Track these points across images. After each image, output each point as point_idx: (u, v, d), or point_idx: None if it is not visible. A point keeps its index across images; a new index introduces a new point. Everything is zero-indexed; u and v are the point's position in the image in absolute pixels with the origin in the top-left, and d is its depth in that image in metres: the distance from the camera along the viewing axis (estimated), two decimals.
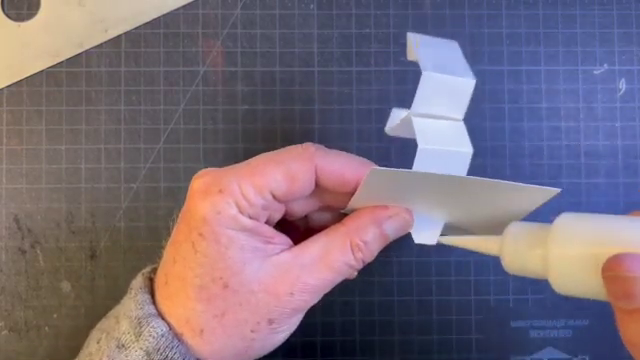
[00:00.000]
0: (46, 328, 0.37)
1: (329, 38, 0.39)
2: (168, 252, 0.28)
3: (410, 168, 0.31)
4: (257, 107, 0.38)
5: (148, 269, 0.30)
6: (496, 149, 0.39)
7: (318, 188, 0.29)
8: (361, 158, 0.29)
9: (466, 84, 0.28)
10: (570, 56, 0.39)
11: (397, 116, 0.31)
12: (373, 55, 0.39)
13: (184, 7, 0.39)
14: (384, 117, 0.38)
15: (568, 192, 0.38)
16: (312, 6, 0.39)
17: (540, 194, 0.27)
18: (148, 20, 0.38)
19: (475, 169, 0.38)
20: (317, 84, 0.38)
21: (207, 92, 0.38)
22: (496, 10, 0.39)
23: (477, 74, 0.39)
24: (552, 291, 0.27)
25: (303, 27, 0.39)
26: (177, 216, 0.29)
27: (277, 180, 0.27)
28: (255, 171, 0.27)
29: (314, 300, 0.28)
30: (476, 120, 0.38)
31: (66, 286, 0.37)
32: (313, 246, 0.28)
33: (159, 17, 0.38)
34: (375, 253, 0.29)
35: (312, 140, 0.38)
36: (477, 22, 0.39)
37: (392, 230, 0.29)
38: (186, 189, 0.38)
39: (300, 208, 0.30)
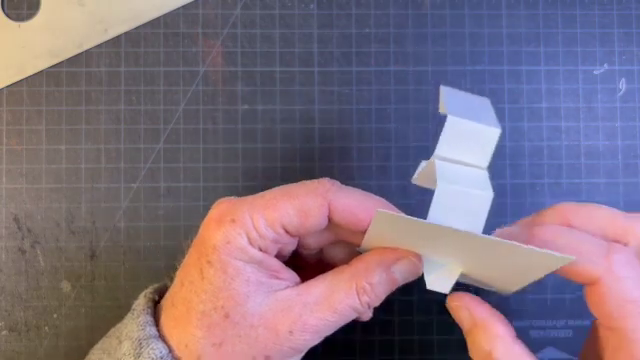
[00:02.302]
0: (46, 328, 0.37)
1: (329, 38, 0.39)
2: (178, 275, 0.29)
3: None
4: (257, 107, 0.38)
5: (150, 290, 0.30)
6: (496, 149, 0.38)
7: (332, 223, 0.28)
8: (377, 198, 0.29)
9: (491, 133, 0.28)
10: (570, 56, 0.39)
11: (424, 166, 0.31)
12: (373, 55, 0.39)
13: (184, 7, 0.39)
14: (384, 117, 0.39)
15: (568, 192, 0.38)
16: (312, 6, 0.39)
17: (555, 261, 0.26)
18: (148, 20, 0.38)
19: None
20: (317, 84, 0.38)
21: (207, 92, 0.38)
22: (496, 10, 0.39)
23: (477, 74, 0.39)
24: (552, 291, 0.27)
25: (303, 27, 0.39)
26: (192, 240, 0.29)
27: (290, 215, 0.27)
28: (269, 204, 0.27)
29: (314, 341, 0.27)
30: None
31: (66, 286, 0.37)
32: (318, 285, 0.28)
33: (159, 17, 0.38)
34: (382, 297, 0.28)
35: (312, 140, 0.38)
36: (477, 22, 0.39)
37: (401, 273, 0.28)
38: (186, 189, 0.38)
39: (314, 241, 0.30)
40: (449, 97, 0.29)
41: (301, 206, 0.27)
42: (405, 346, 0.38)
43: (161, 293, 0.31)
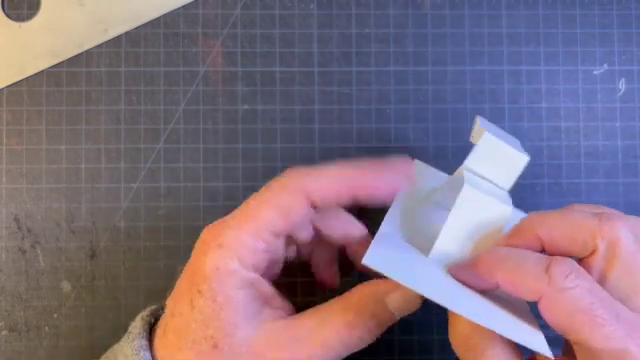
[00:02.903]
0: (46, 328, 0.37)
1: (329, 38, 0.39)
2: (168, 305, 0.29)
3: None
4: (257, 107, 0.38)
5: (147, 312, 0.31)
6: None
7: (316, 215, 0.28)
8: (346, 166, 0.28)
9: (520, 158, 0.29)
10: (570, 56, 0.39)
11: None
12: (373, 55, 0.39)
13: (184, 7, 0.39)
14: (384, 117, 0.39)
15: (568, 192, 0.38)
16: (312, 6, 0.39)
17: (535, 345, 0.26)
18: (148, 20, 0.38)
19: None
20: (317, 84, 0.38)
21: (207, 92, 0.38)
22: (496, 10, 0.39)
23: (477, 74, 0.39)
24: None
25: (303, 27, 0.39)
26: (181, 271, 0.29)
27: (273, 219, 0.27)
28: (250, 217, 0.27)
29: None
30: None
31: (66, 286, 0.37)
32: (309, 318, 0.27)
33: (159, 17, 0.38)
34: (375, 331, 0.27)
35: (312, 140, 0.38)
36: (477, 22, 0.39)
37: (396, 306, 0.28)
38: (186, 189, 0.38)
39: (304, 237, 0.30)
40: (485, 124, 0.30)
41: (281, 207, 0.27)
42: (405, 346, 0.38)
43: (157, 316, 0.31)
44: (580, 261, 0.25)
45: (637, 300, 0.24)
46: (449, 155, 0.38)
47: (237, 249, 0.27)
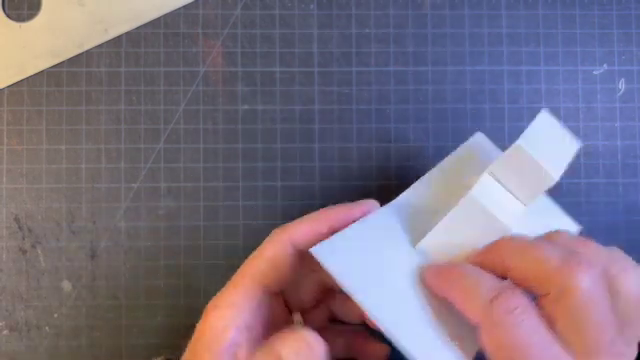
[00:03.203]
0: (47, 328, 0.37)
1: (329, 38, 0.39)
2: None
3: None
4: (257, 107, 0.38)
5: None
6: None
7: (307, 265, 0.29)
8: (322, 210, 0.30)
9: (548, 178, 0.27)
10: (570, 56, 0.39)
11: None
12: (373, 55, 0.39)
13: (184, 7, 0.39)
14: (384, 117, 0.39)
15: (568, 192, 0.38)
16: (312, 6, 0.39)
17: None
18: (148, 20, 0.38)
19: None
20: (317, 84, 0.39)
21: (207, 92, 0.38)
22: (496, 10, 0.39)
23: (477, 74, 0.39)
24: None
25: (303, 27, 0.39)
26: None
27: (262, 268, 0.28)
28: (241, 272, 0.28)
29: None
30: (476, 120, 0.39)
31: (66, 286, 0.37)
32: None
33: (159, 17, 0.38)
34: None
35: (312, 140, 0.38)
36: (477, 22, 0.39)
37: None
38: (186, 189, 0.38)
39: (304, 292, 0.31)
40: (539, 124, 0.28)
41: (267, 258, 0.28)
42: None
43: None
44: (538, 298, 0.25)
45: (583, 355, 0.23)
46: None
47: (229, 306, 0.27)
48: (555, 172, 0.27)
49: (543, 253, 0.24)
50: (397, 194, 0.38)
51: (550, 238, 0.26)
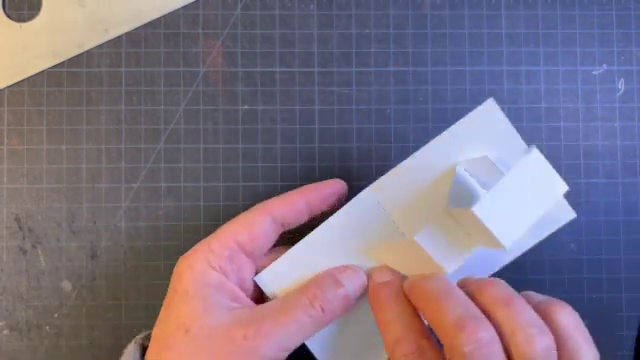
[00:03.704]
0: (47, 328, 0.37)
1: (329, 38, 0.39)
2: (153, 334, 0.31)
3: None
4: (257, 107, 0.38)
5: (141, 335, 0.32)
6: None
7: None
8: (296, 190, 0.32)
9: (499, 243, 0.25)
10: (569, 56, 0.39)
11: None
12: (373, 55, 0.39)
13: (184, 7, 0.39)
14: (384, 117, 0.39)
15: (568, 192, 0.38)
16: (312, 6, 0.39)
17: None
18: (148, 20, 0.38)
19: None
20: (317, 84, 0.39)
21: (207, 92, 0.38)
22: (495, 10, 0.39)
23: (476, 74, 0.39)
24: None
25: (303, 27, 0.39)
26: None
27: (238, 230, 0.30)
28: (218, 231, 0.31)
29: (272, 349, 0.28)
30: None
31: (67, 286, 0.37)
32: (272, 303, 0.30)
33: (160, 17, 0.39)
34: (335, 303, 0.29)
35: (312, 140, 0.38)
36: (477, 22, 0.39)
37: (349, 282, 0.30)
38: (186, 189, 0.38)
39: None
40: (525, 168, 0.26)
41: (245, 221, 0.31)
42: None
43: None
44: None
45: None
46: None
47: (207, 253, 0.30)
48: (506, 240, 0.25)
49: (445, 307, 0.26)
50: None
51: (481, 291, 0.27)
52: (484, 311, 0.26)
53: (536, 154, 0.26)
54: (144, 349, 0.31)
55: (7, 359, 0.37)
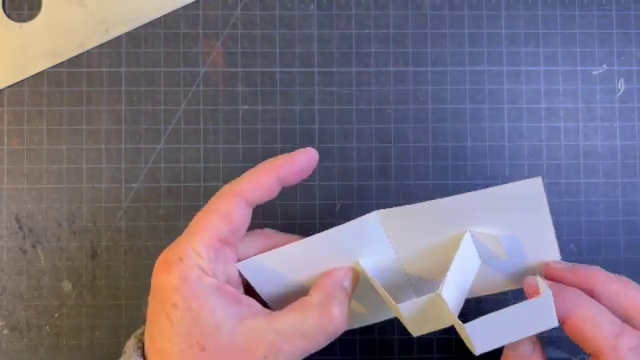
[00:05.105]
0: (47, 328, 0.37)
1: (329, 38, 0.39)
2: (146, 333, 0.29)
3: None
4: (257, 107, 0.38)
5: (140, 330, 0.31)
6: (495, 149, 0.39)
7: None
8: (265, 162, 0.31)
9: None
10: (569, 56, 0.39)
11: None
12: (373, 55, 0.39)
13: (184, 8, 0.39)
14: (384, 117, 0.39)
15: (567, 192, 0.38)
16: (312, 6, 0.39)
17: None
18: (149, 20, 0.38)
19: (475, 169, 0.38)
20: (317, 84, 0.39)
21: (207, 92, 0.38)
22: (495, 11, 0.39)
23: (476, 74, 0.39)
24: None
25: (303, 27, 0.39)
26: (146, 305, 0.29)
27: (216, 224, 0.29)
28: (196, 229, 0.29)
29: None
30: (476, 120, 0.39)
31: (67, 286, 0.37)
32: (289, 314, 0.29)
33: (160, 17, 0.39)
34: (346, 311, 0.30)
35: (312, 140, 0.38)
36: (476, 23, 0.39)
37: (350, 285, 0.31)
38: (187, 189, 0.38)
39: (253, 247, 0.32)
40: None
41: (222, 212, 0.29)
42: (405, 346, 0.38)
43: None
44: None
45: None
46: (449, 155, 0.38)
47: (196, 259, 0.28)
48: (479, 351, 0.28)
49: (636, 292, 0.28)
50: (397, 194, 0.38)
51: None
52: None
53: (548, 295, 0.27)
54: (144, 344, 0.30)
55: (7, 359, 0.37)
